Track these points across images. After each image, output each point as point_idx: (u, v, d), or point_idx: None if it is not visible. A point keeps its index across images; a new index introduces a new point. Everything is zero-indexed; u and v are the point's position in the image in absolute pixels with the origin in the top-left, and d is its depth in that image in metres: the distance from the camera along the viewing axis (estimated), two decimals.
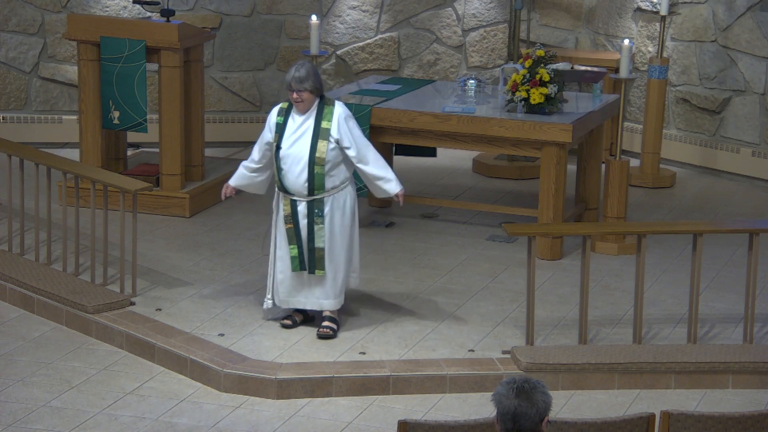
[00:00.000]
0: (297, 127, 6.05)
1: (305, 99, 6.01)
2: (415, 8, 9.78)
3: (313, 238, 6.05)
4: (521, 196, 8.52)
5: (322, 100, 6.08)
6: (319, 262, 6.07)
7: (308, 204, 6.04)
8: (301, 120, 6.06)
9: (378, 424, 5.54)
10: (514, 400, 3.50)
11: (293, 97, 6.03)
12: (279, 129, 6.09)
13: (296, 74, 5.98)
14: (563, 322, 6.47)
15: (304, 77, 5.97)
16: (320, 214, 6.03)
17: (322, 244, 6.05)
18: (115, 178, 6.76)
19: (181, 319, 6.36)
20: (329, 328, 6.18)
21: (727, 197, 8.77)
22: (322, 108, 6.05)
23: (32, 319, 6.53)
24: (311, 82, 5.99)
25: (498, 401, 3.53)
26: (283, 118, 6.10)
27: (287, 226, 6.08)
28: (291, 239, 6.08)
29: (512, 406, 3.50)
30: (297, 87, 5.98)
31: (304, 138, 6.03)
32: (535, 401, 3.50)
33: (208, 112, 9.39)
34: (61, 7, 9.34)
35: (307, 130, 6.04)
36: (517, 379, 3.55)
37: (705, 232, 6.23)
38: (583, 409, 5.71)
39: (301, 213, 6.05)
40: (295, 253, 6.08)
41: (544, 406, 3.52)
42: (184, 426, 5.47)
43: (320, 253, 6.06)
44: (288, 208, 6.07)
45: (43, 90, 9.43)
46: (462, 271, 7.18)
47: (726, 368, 5.97)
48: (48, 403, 5.62)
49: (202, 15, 9.45)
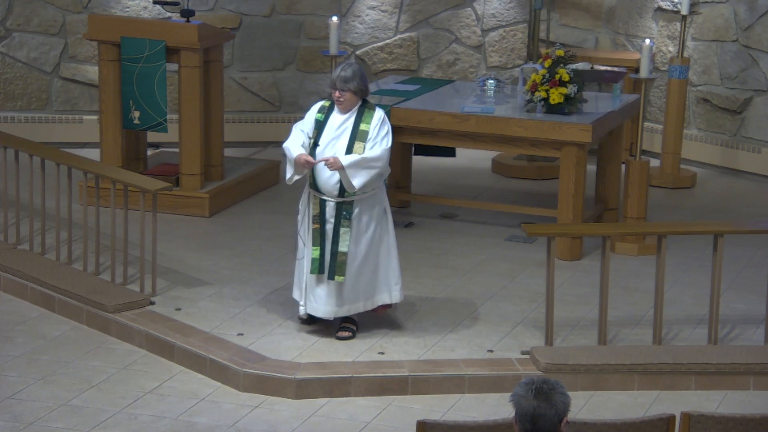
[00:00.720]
0: (336, 126, 5.99)
1: (347, 99, 5.96)
2: (434, 8, 9.77)
3: (337, 241, 5.99)
4: (540, 197, 8.50)
5: (364, 104, 6.02)
6: (340, 267, 5.98)
7: (337, 205, 5.99)
8: (341, 120, 6.00)
9: (396, 425, 5.54)
10: (533, 401, 3.49)
11: (336, 95, 5.97)
12: (318, 126, 6.03)
13: (342, 73, 5.94)
14: (582, 322, 6.45)
15: (349, 77, 5.93)
16: (348, 216, 5.96)
17: (346, 249, 5.97)
18: (136, 178, 6.79)
19: (201, 319, 6.38)
20: (348, 329, 6.16)
21: (748, 197, 8.72)
22: (363, 111, 5.99)
23: (52, 318, 6.56)
24: (356, 83, 5.93)
25: (517, 402, 3.52)
26: (323, 115, 6.04)
27: (314, 226, 6.02)
28: (315, 240, 6.02)
29: (531, 407, 3.49)
30: (341, 86, 5.93)
31: (342, 138, 5.97)
32: (554, 402, 3.49)
33: (227, 112, 9.41)
34: (82, 8, 9.39)
35: (345, 130, 5.98)
36: (536, 379, 3.54)
37: (726, 232, 6.19)
38: (603, 410, 5.69)
39: (329, 214, 5.99)
40: (316, 255, 6.01)
41: (563, 407, 3.51)
42: (203, 425, 5.48)
43: (342, 257, 5.98)
44: (317, 207, 6.01)
45: (64, 90, 9.48)
46: (481, 272, 7.17)
47: (747, 369, 5.94)
48: (68, 401, 5.65)
49: (221, 15, 9.47)
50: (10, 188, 7.64)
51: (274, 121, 9.67)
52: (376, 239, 6.08)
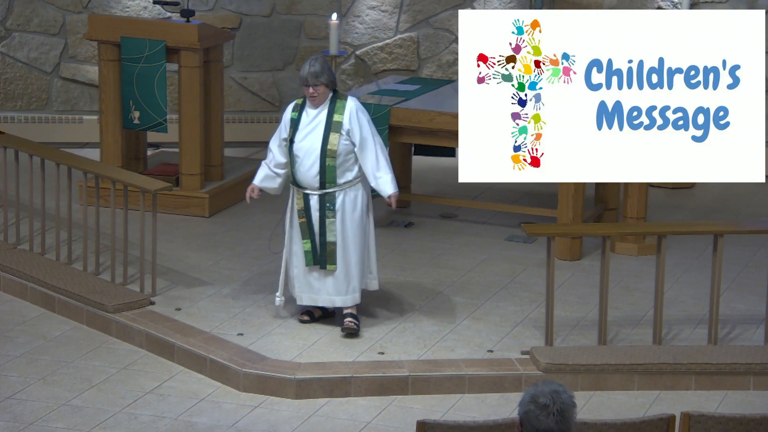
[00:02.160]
0: (310, 120, 6.12)
1: (320, 93, 6.08)
2: (434, 8, 9.77)
3: (324, 232, 6.10)
4: (540, 197, 8.50)
5: (335, 95, 6.12)
6: (331, 256, 6.10)
7: (320, 197, 6.09)
8: (315, 113, 6.12)
9: (397, 424, 5.54)
10: (551, 420, 3.39)
11: (309, 92, 6.08)
12: (293, 124, 6.15)
13: (311, 69, 6.04)
14: (582, 322, 6.45)
15: (319, 71, 6.03)
16: (332, 207, 6.08)
17: (334, 238, 6.09)
18: (136, 178, 6.79)
19: (201, 319, 6.38)
20: (353, 322, 6.18)
21: (748, 198, 8.73)
22: (334, 102, 6.11)
23: (53, 318, 6.56)
24: (326, 75, 6.06)
25: (533, 418, 3.42)
26: (297, 113, 6.17)
27: (301, 221, 6.14)
28: (304, 233, 6.14)
29: (547, 426, 3.41)
30: (313, 81, 6.04)
31: (317, 131, 6.09)
32: (570, 421, 3.43)
33: (227, 112, 9.41)
34: (82, 8, 9.39)
35: (319, 123, 6.10)
36: (544, 391, 3.43)
37: (726, 232, 6.19)
38: (603, 410, 5.69)
39: (313, 207, 6.11)
40: (308, 247, 6.13)
41: (575, 420, 3.47)
42: (203, 425, 5.48)
43: (332, 247, 6.10)
44: (301, 202, 6.14)
45: (64, 90, 9.48)
46: (481, 272, 7.17)
47: (747, 369, 5.94)
48: (68, 401, 5.65)
49: (221, 15, 9.47)
50: (10, 188, 7.64)
51: (274, 121, 9.66)
52: (362, 227, 6.16)
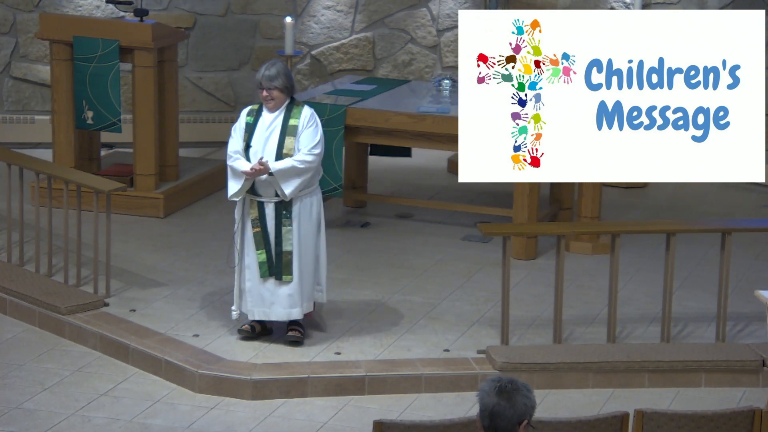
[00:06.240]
0: (267, 126, 6.03)
1: (275, 97, 5.99)
2: (389, 8, 9.79)
3: (281, 241, 5.99)
4: (496, 196, 8.54)
5: (292, 102, 6.07)
6: (287, 266, 5.99)
7: (276, 206, 5.99)
8: (271, 119, 6.03)
9: (353, 424, 5.54)
10: (494, 398, 3.51)
11: (263, 95, 6.01)
12: (249, 128, 6.06)
13: (267, 72, 5.97)
14: (538, 321, 6.49)
15: (274, 75, 5.96)
16: (288, 216, 5.98)
17: (290, 248, 5.98)
18: (89, 179, 6.73)
19: (156, 320, 6.33)
20: (298, 331, 6.13)
21: (700, 197, 8.83)
22: (291, 108, 6.04)
23: (4, 321, 6.48)
24: (282, 80, 5.97)
25: (480, 397, 3.55)
26: (253, 118, 6.08)
27: (255, 230, 6.01)
28: (259, 244, 6.01)
29: (491, 404, 3.51)
30: (267, 85, 5.97)
31: (273, 136, 6.00)
32: (514, 402, 3.51)
33: (182, 112, 9.35)
34: (33, 7, 9.28)
35: (275, 128, 6.01)
36: (503, 378, 3.56)
37: (678, 231, 6.27)
38: (558, 408, 5.73)
39: (269, 215, 5.99)
40: (263, 258, 6.01)
41: (524, 409, 3.52)
42: (159, 427, 5.44)
43: (288, 257, 5.98)
44: (255, 211, 6.01)
45: (16, 90, 9.37)
46: (437, 271, 7.19)
47: (699, 367, 6.01)
48: (21, 405, 5.58)
49: (176, 15, 9.41)
50: None
51: (230, 121, 9.60)
52: (315, 235, 6.10)
